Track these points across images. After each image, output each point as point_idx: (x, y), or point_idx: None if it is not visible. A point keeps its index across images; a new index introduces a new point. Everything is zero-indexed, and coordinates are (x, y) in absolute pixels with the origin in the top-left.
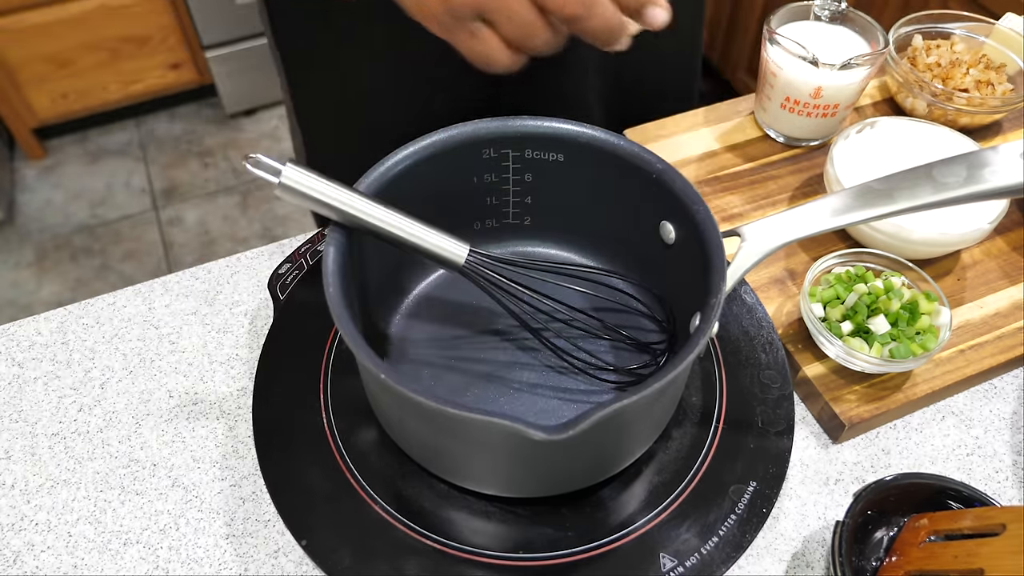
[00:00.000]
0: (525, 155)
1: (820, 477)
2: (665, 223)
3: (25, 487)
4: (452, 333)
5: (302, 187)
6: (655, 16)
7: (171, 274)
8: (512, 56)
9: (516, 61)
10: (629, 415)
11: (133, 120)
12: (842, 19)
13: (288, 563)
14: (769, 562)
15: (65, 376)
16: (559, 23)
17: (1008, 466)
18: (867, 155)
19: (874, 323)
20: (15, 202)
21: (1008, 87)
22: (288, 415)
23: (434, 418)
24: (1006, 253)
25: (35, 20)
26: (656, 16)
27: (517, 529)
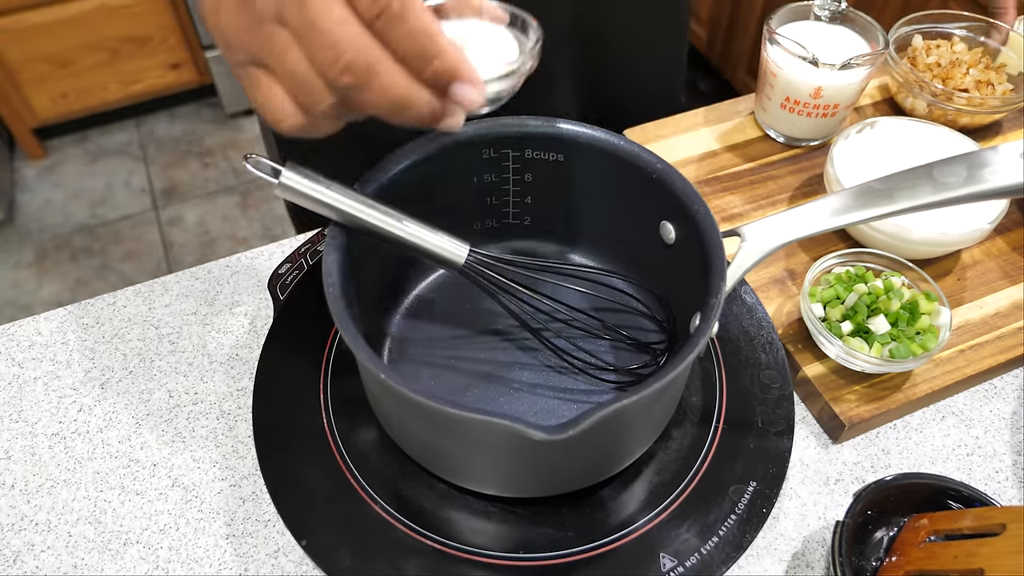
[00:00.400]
0: (525, 155)
1: (820, 477)
2: (665, 223)
3: (25, 487)
4: (452, 333)
5: (302, 187)
6: (465, 94)
7: (171, 274)
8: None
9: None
10: (629, 415)
11: (133, 120)
12: (842, 19)
13: (288, 563)
14: (769, 562)
15: (65, 376)
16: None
17: (1008, 466)
18: (867, 155)
19: (874, 323)
20: (15, 202)
21: (1008, 87)
22: (288, 415)
23: (434, 418)
24: (1006, 253)
25: (35, 20)
26: (467, 94)
27: (517, 529)
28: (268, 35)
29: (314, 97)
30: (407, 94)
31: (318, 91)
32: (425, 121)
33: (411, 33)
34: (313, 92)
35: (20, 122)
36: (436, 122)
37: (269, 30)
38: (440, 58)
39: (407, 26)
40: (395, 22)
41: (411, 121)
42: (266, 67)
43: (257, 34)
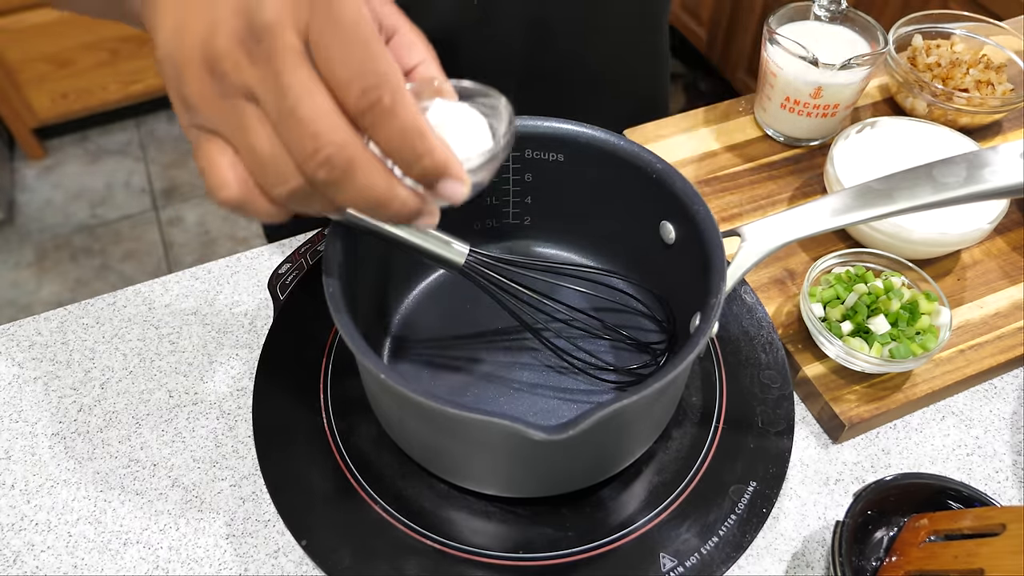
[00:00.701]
0: (525, 155)
1: (820, 477)
2: (665, 223)
3: (25, 487)
4: (452, 333)
5: None
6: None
7: (171, 274)
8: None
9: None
10: (629, 415)
11: (133, 120)
12: (842, 19)
13: (288, 563)
14: (769, 562)
15: (65, 376)
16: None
17: (1008, 466)
18: (867, 155)
19: (874, 323)
20: (15, 202)
21: (1008, 87)
22: (288, 415)
23: (434, 418)
24: (1006, 253)
25: (35, 20)
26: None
27: (517, 529)
28: (234, 109)
29: (273, 180)
30: (387, 195)
31: (280, 175)
32: (400, 220)
33: (402, 131)
34: (274, 175)
35: (20, 122)
36: (411, 221)
37: (236, 104)
38: (430, 156)
39: (397, 122)
40: (385, 117)
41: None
42: (221, 136)
43: (221, 106)
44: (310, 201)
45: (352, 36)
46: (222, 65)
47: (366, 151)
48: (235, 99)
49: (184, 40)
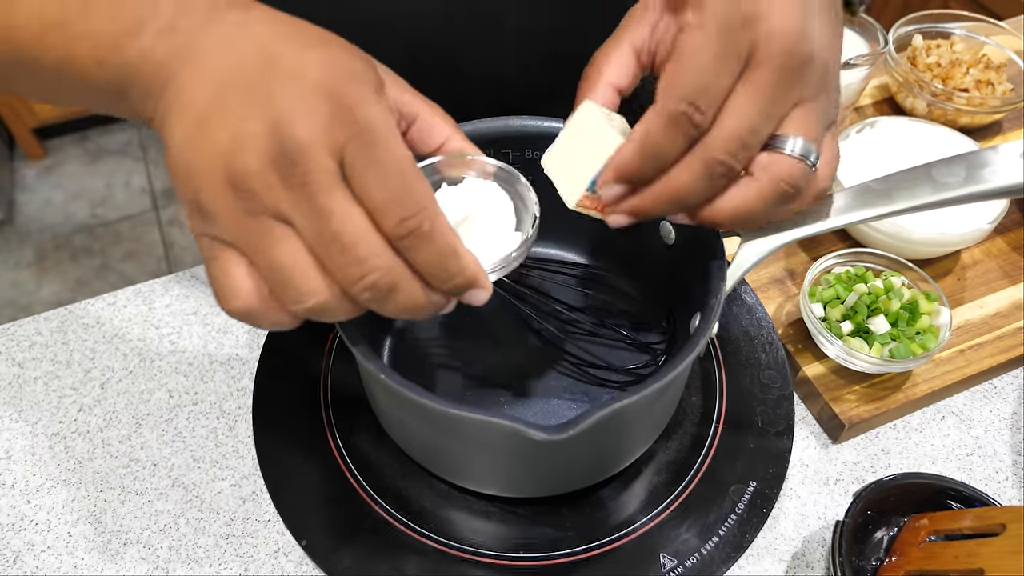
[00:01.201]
0: (525, 155)
1: (820, 477)
2: (665, 223)
3: (25, 487)
4: (452, 332)
5: None
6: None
7: (171, 274)
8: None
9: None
10: (629, 415)
11: None
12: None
13: (288, 563)
14: (769, 562)
15: (65, 376)
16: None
17: (1008, 466)
18: (867, 155)
19: (874, 323)
20: (15, 202)
21: (1008, 87)
22: (288, 415)
23: (434, 418)
24: (1006, 253)
25: None
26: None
27: (517, 529)
28: (259, 226)
29: (295, 296)
30: (422, 305)
31: (307, 291)
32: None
33: (439, 254)
34: (297, 292)
35: (20, 122)
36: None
37: (262, 222)
38: (462, 275)
39: (436, 248)
40: (423, 242)
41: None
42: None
43: (246, 223)
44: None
45: (390, 164)
46: (251, 183)
47: (406, 271)
48: (262, 217)
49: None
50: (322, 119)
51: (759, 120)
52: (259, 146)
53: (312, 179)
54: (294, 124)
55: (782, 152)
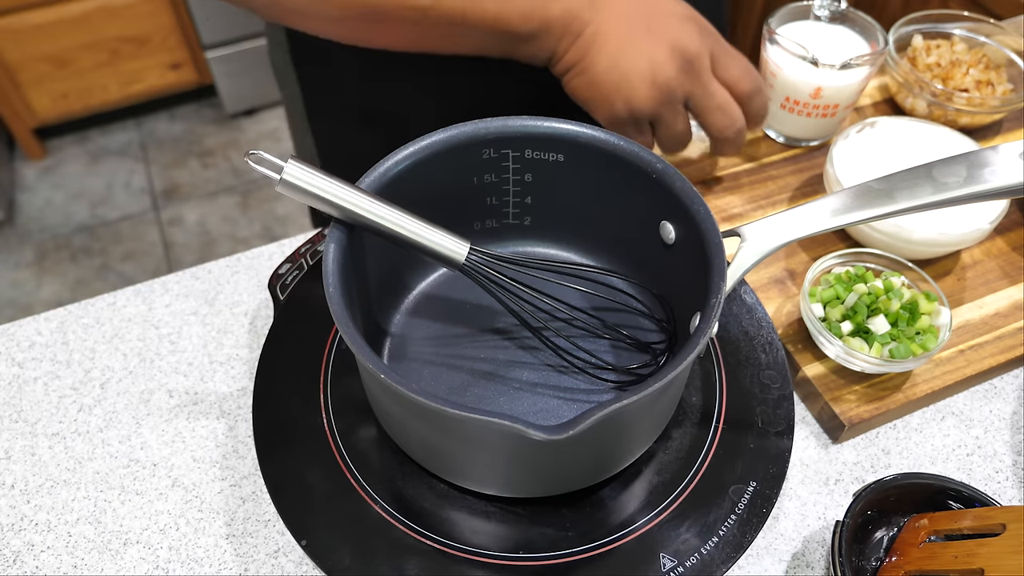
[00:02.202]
0: (525, 155)
1: (820, 477)
2: (665, 223)
3: (25, 487)
4: (452, 332)
5: (304, 184)
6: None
7: (171, 274)
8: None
9: None
10: (629, 415)
11: (133, 120)
12: (842, 19)
13: (288, 563)
14: (769, 562)
15: (65, 376)
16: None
17: (1008, 466)
18: (867, 155)
19: (874, 323)
20: (15, 202)
21: (1008, 87)
22: (288, 415)
23: (434, 418)
24: (1006, 253)
25: (35, 20)
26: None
27: (517, 529)
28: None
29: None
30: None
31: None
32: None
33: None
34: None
35: (20, 122)
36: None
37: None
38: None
39: (762, 97)
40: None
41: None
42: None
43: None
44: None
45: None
46: (670, 85)
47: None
48: (674, 104)
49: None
50: (697, 36)
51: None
52: (670, 61)
53: (703, 73)
54: (686, 43)
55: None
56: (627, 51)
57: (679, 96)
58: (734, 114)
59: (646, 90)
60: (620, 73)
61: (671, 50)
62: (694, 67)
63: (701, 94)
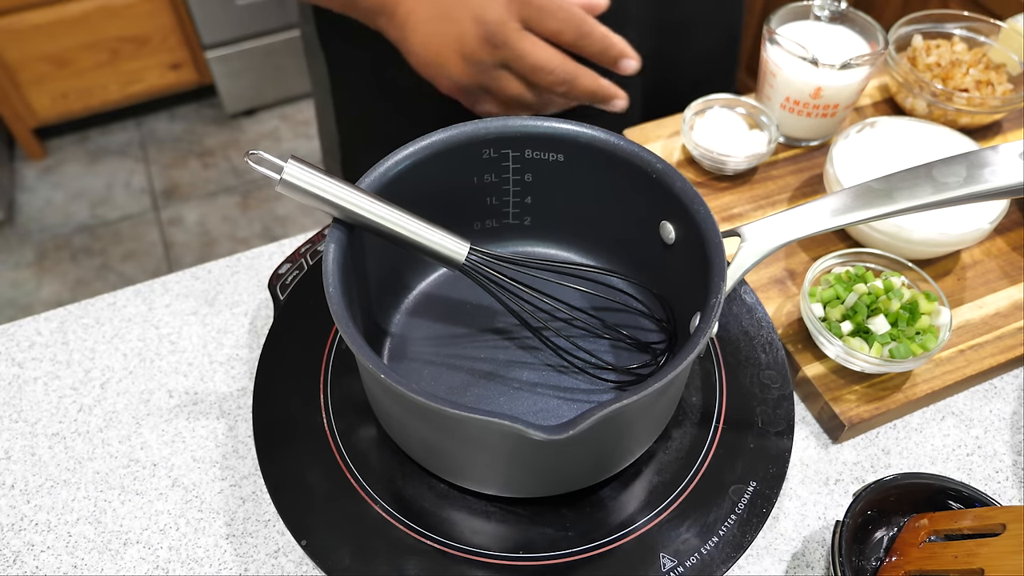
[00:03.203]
0: (525, 155)
1: (820, 477)
2: (665, 223)
3: (25, 487)
4: (452, 332)
5: (304, 184)
6: (627, 66)
7: (171, 274)
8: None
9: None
10: (629, 415)
11: (133, 120)
12: (842, 19)
13: (288, 563)
14: (769, 562)
15: (65, 376)
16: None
17: (1008, 466)
18: (867, 155)
19: (874, 323)
20: (15, 202)
21: (1008, 87)
22: (288, 415)
23: (434, 418)
24: (1006, 253)
25: (35, 20)
26: (627, 66)
27: (517, 529)
28: (492, 76)
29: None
30: (596, 86)
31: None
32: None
33: (600, 40)
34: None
35: (20, 122)
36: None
37: (493, 72)
38: (614, 47)
39: (596, 37)
40: (588, 38)
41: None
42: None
43: (483, 76)
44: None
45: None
46: (477, 56)
47: (577, 64)
48: (491, 71)
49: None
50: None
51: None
52: (473, 33)
53: (511, 38)
54: (487, 13)
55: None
56: (436, 28)
57: (491, 64)
58: (557, 69)
59: (458, 63)
60: (434, 50)
61: (474, 21)
62: (499, 35)
63: (514, 58)
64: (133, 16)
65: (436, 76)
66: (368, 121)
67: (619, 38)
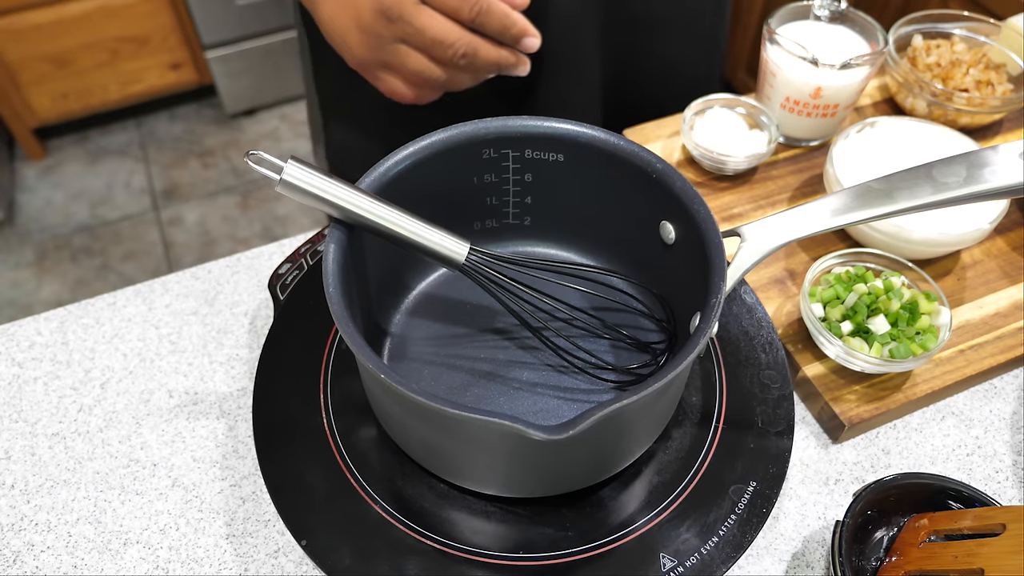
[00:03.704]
0: (525, 155)
1: (820, 477)
2: (665, 223)
3: (25, 487)
4: (452, 332)
5: (304, 184)
6: (532, 43)
7: (171, 274)
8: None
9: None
10: (629, 415)
11: (133, 120)
12: (842, 19)
13: (288, 563)
14: (769, 562)
15: (65, 376)
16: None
17: (1008, 466)
18: (867, 155)
19: (874, 323)
20: (15, 202)
21: (1008, 87)
22: (288, 415)
23: (434, 418)
24: (1006, 253)
25: (35, 20)
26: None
27: (517, 529)
28: (391, 51)
29: (428, 81)
30: (498, 56)
31: (431, 78)
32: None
33: (499, 18)
34: (428, 79)
35: (20, 122)
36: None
37: (391, 47)
38: (515, 26)
39: (495, 15)
40: (487, 16)
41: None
42: (390, 69)
43: (382, 51)
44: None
45: None
46: (374, 28)
47: (482, 40)
48: (391, 46)
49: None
50: None
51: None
52: (369, 7)
53: (406, 13)
54: None
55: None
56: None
57: (389, 38)
58: (456, 42)
59: (357, 37)
60: (337, 26)
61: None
62: (394, 9)
63: (412, 33)
64: (133, 16)
65: (342, 51)
66: (349, 111)
67: (520, 16)
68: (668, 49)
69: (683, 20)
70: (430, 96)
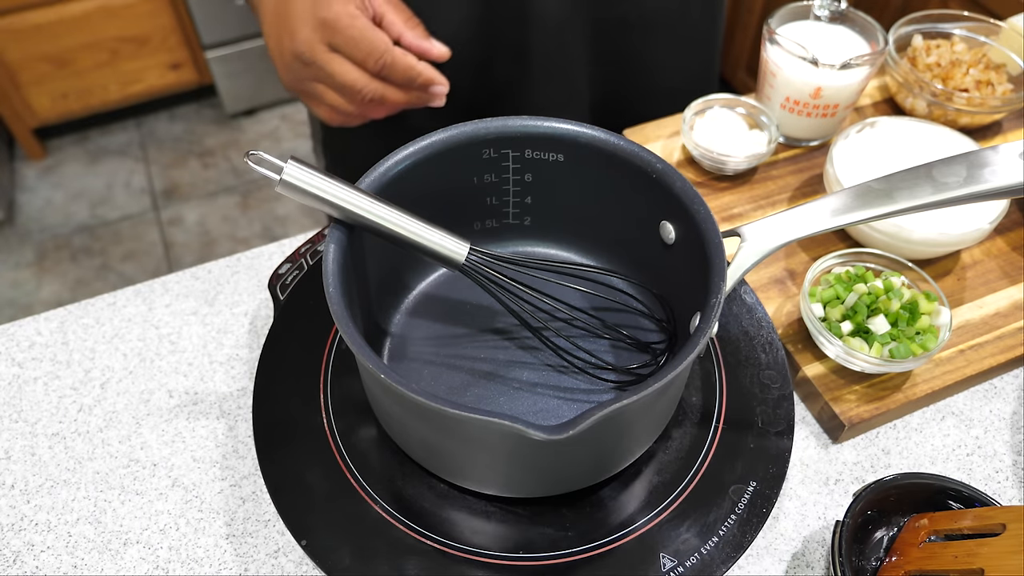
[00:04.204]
0: (525, 155)
1: (820, 477)
2: (665, 223)
3: (25, 487)
4: (452, 332)
5: (303, 184)
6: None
7: (171, 274)
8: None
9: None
10: (629, 415)
11: (133, 120)
12: (842, 19)
13: (288, 563)
14: (769, 562)
15: (65, 376)
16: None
17: (1008, 466)
18: (867, 155)
19: (874, 323)
20: (15, 202)
21: (1008, 87)
22: (288, 415)
23: (434, 418)
24: (1006, 253)
25: (35, 20)
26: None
27: (517, 529)
28: (310, 86)
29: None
30: (407, 100)
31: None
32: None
33: (404, 70)
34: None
35: (20, 122)
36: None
37: (309, 84)
38: (421, 76)
39: (399, 67)
40: (391, 68)
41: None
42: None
43: (303, 84)
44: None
45: (356, 36)
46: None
47: (388, 87)
48: (309, 82)
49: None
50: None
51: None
52: (288, 48)
53: (317, 59)
54: (295, 41)
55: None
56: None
57: (307, 77)
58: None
59: (282, 69)
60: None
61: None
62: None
63: (324, 76)
64: (133, 16)
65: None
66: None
67: (426, 65)
68: (658, 53)
69: (671, 24)
70: (355, 122)
